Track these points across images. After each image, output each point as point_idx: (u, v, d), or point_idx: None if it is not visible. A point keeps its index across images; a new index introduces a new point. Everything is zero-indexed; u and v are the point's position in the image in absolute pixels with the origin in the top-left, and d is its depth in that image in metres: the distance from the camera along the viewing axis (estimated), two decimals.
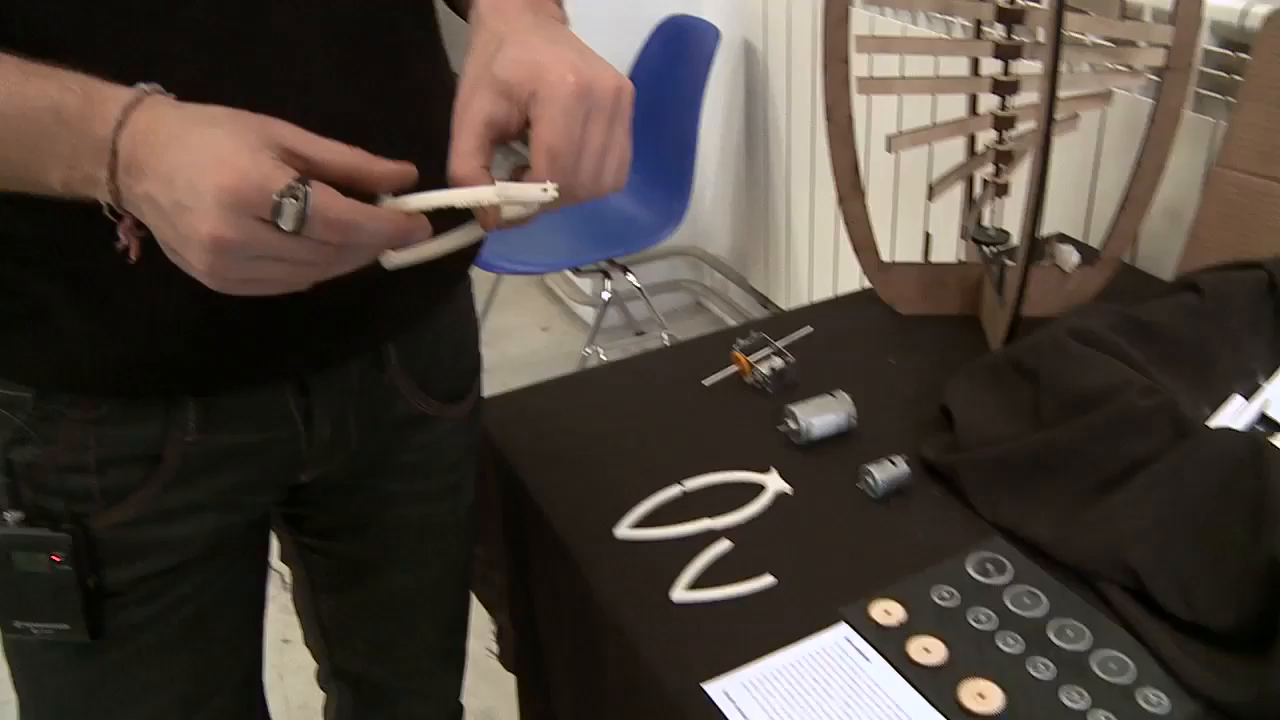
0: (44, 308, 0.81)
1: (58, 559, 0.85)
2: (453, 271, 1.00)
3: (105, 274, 0.71)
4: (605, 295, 2.71)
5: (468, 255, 1.00)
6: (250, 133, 0.65)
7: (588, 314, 3.19)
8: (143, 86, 0.67)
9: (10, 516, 0.86)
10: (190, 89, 0.70)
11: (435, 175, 0.72)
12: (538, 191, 0.69)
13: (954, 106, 1.92)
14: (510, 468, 1.20)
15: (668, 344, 2.83)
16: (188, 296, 0.72)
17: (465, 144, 0.71)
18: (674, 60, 2.73)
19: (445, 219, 0.72)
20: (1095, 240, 1.56)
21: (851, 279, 2.45)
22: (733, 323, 3.16)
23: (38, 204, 0.69)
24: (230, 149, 0.63)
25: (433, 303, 0.98)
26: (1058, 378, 1.10)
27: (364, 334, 0.92)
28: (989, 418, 1.14)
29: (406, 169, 0.71)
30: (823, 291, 2.59)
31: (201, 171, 0.63)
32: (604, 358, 2.83)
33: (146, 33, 0.73)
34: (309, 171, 0.66)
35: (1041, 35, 1.19)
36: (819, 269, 2.57)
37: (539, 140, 0.69)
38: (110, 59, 0.71)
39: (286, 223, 0.63)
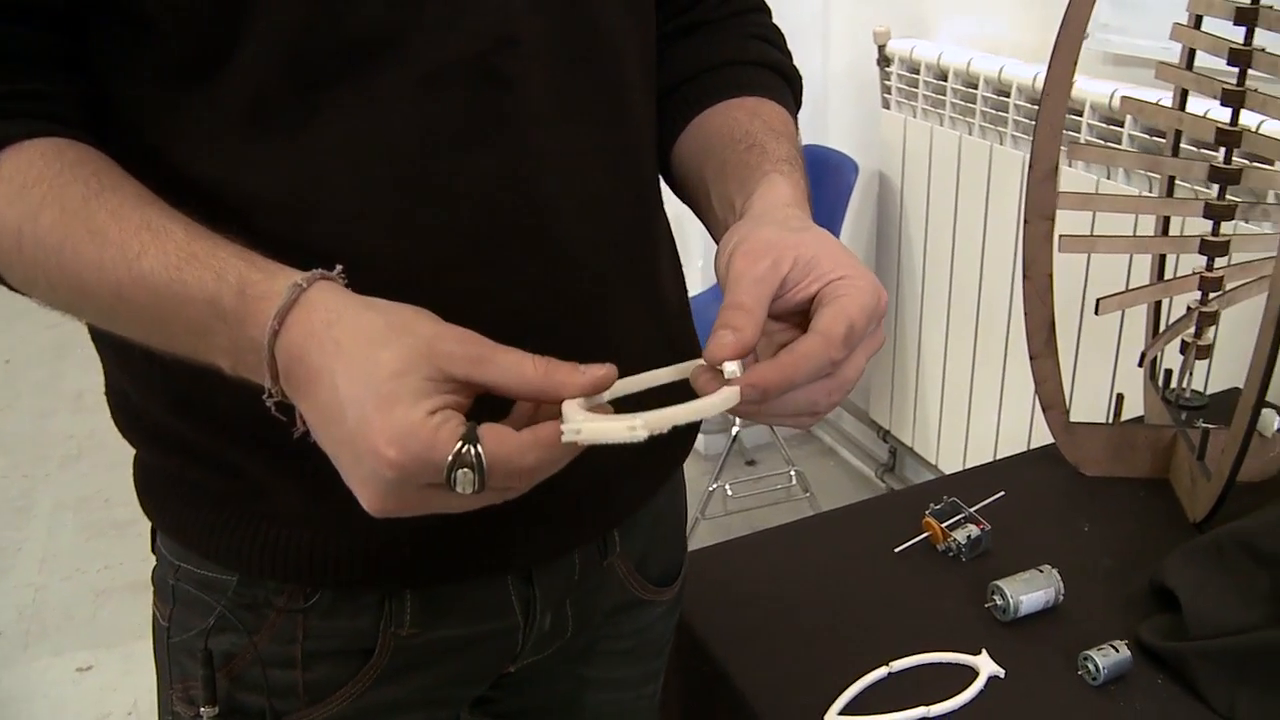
0: (259, 487, 0.75)
1: None
2: (679, 451, 0.94)
3: (320, 454, 0.61)
4: (736, 427, 2.62)
5: (691, 434, 0.95)
6: (420, 369, 0.57)
7: (699, 440, 3.13)
8: (300, 281, 0.60)
9: (206, 713, 0.80)
10: (447, 262, 0.70)
11: (662, 348, 0.75)
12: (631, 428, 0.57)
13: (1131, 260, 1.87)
14: (692, 633, 1.14)
15: (794, 481, 2.82)
16: None
17: (758, 289, 0.62)
18: None
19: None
20: None
21: (986, 420, 2.37)
22: (846, 453, 3.09)
23: (241, 381, 0.63)
24: (386, 399, 0.56)
25: (659, 485, 0.92)
26: None
27: (596, 523, 0.86)
28: (1220, 603, 1.06)
29: (606, 374, 0.61)
30: (954, 432, 2.51)
31: (360, 430, 0.56)
32: (729, 491, 2.75)
33: (404, 199, 0.69)
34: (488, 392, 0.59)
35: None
36: (951, 409, 2.50)
37: (842, 310, 0.62)
38: (372, 224, 0.69)
39: (464, 489, 0.56)
